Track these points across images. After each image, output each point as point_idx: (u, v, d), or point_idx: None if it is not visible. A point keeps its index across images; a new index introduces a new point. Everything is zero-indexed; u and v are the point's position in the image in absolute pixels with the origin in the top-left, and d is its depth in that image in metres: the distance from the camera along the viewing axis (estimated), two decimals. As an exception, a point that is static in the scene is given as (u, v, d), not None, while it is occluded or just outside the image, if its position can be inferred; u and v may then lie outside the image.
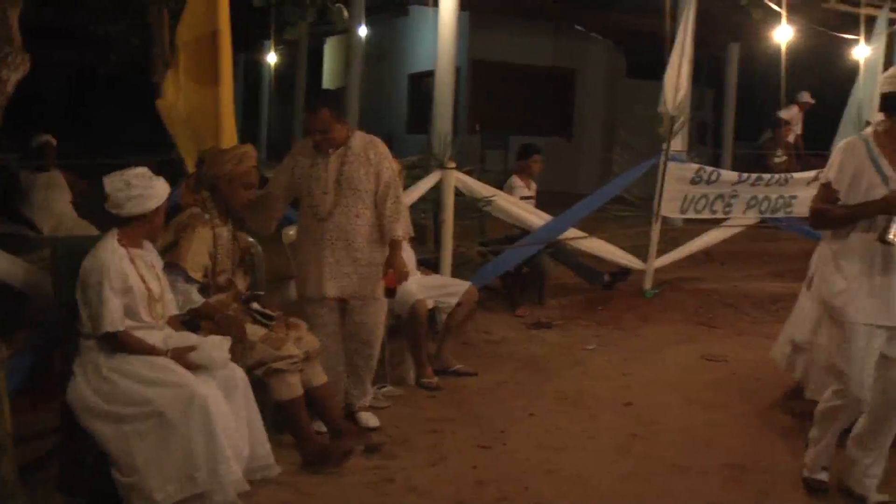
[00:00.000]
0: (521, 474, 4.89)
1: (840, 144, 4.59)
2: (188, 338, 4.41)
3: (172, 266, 4.71)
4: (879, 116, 4.68)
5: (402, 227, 5.30)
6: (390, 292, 5.38)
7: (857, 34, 12.31)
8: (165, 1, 8.65)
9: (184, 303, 4.71)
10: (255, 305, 4.98)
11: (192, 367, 4.19)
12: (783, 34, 11.12)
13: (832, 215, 4.49)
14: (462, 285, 6.58)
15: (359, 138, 5.33)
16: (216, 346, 4.31)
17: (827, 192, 4.52)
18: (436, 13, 9.58)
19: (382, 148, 5.37)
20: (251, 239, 5.36)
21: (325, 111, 5.19)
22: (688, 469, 5.04)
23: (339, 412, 5.16)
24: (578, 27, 19.20)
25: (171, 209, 4.78)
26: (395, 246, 5.30)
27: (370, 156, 5.27)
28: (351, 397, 5.52)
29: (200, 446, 3.98)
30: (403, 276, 5.35)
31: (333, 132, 5.22)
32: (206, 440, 3.99)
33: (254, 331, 4.78)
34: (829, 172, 4.52)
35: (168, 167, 5.64)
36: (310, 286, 5.34)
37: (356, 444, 4.94)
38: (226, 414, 4.11)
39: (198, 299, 4.77)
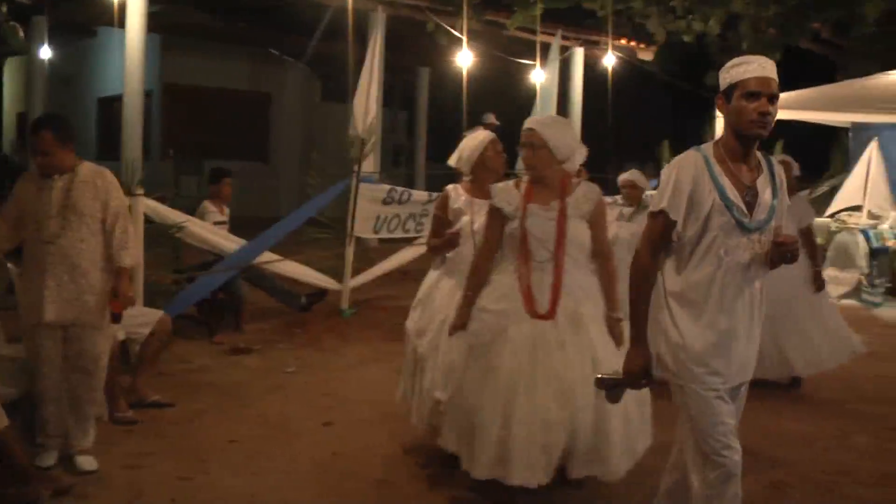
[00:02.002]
0: (223, 503, 4.86)
1: (672, 161, 3.66)
2: None
3: None
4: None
5: (130, 256, 5.33)
6: (116, 317, 5.34)
7: (534, 60, 13.22)
8: None
9: None
10: None
11: None
12: (464, 59, 11.72)
13: (640, 283, 3.62)
14: (154, 314, 6.48)
15: (86, 167, 5.31)
16: None
17: (659, 224, 3.58)
18: (123, 35, 9.34)
19: (111, 177, 5.38)
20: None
21: (48, 134, 5.14)
22: (385, 482, 5.20)
23: (24, 456, 4.90)
24: (273, 51, 19.26)
25: None
26: (121, 273, 5.29)
27: (98, 183, 5.26)
28: (70, 437, 5.31)
29: None
30: (129, 302, 5.36)
31: (55, 156, 5.17)
32: None
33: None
34: (661, 198, 3.56)
35: None
36: (31, 311, 5.22)
37: (44, 488, 4.73)
38: None
39: None
